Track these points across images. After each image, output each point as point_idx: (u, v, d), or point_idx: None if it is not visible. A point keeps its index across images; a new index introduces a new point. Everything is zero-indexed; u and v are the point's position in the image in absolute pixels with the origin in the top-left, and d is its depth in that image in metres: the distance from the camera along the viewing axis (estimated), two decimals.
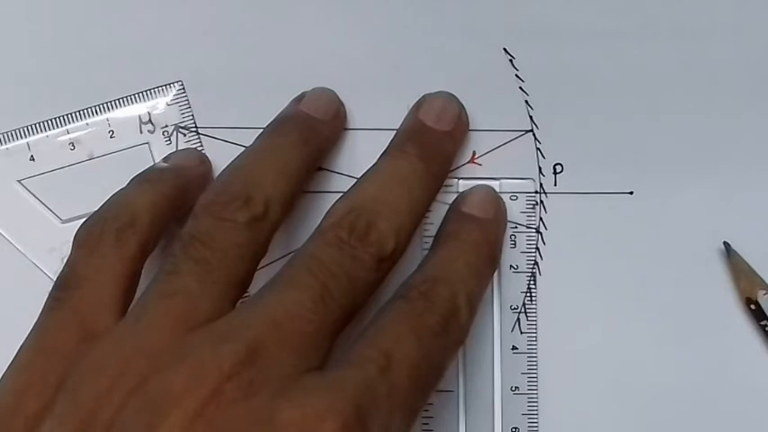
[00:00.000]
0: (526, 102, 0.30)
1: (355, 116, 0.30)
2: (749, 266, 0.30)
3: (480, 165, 0.30)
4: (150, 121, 0.30)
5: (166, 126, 0.30)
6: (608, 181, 0.30)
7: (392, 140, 0.28)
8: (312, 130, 0.28)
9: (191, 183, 0.28)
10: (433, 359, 0.24)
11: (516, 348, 0.30)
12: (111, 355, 0.22)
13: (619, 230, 0.30)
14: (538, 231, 0.30)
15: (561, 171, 0.30)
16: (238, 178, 0.25)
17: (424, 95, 0.29)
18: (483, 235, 0.28)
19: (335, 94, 0.30)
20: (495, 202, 0.29)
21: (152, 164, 0.29)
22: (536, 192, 0.30)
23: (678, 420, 0.29)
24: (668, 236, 0.30)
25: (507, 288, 0.30)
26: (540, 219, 0.30)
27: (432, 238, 0.28)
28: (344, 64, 0.30)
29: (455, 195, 0.29)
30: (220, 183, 0.26)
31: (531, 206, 0.30)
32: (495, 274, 0.29)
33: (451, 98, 0.29)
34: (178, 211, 0.27)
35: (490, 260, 0.28)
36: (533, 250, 0.30)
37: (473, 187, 0.29)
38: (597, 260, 0.30)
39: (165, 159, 0.29)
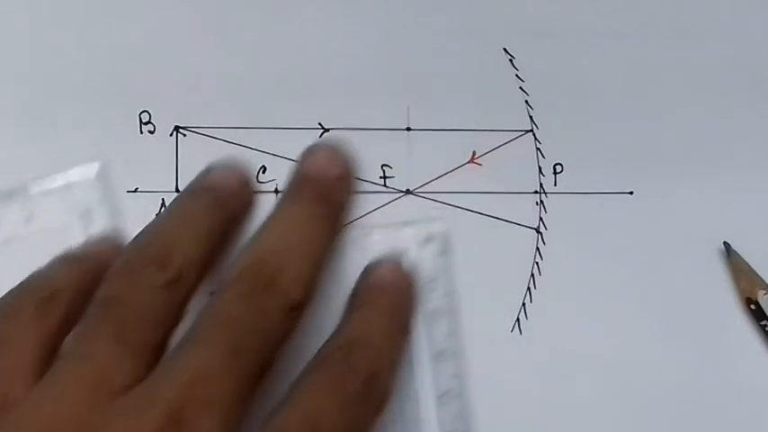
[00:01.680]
0: (526, 102, 0.30)
1: (355, 116, 0.30)
2: (749, 266, 0.30)
3: (480, 165, 0.30)
4: (71, 203, 0.29)
5: (86, 209, 0.29)
6: (608, 181, 0.30)
7: (285, 188, 0.28)
8: (226, 196, 0.28)
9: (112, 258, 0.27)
10: (357, 427, 0.23)
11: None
12: (30, 422, 0.21)
13: (619, 230, 0.30)
14: (538, 231, 0.30)
15: (561, 171, 0.30)
16: (153, 242, 0.25)
17: (311, 144, 0.29)
18: (395, 302, 0.27)
19: (244, 166, 0.29)
20: (406, 276, 0.28)
21: (74, 245, 0.28)
22: (536, 192, 0.30)
23: (678, 420, 0.29)
24: (668, 236, 0.30)
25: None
26: (540, 219, 0.30)
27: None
28: (344, 64, 0.30)
29: (367, 239, 0.29)
30: (135, 246, 0.25)
31: (440, 252, 0.29)
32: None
33: (338, 144, 0.29)
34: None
35: (404, 326, 0.27)
36: (533, 250, 0.30)
37: (384, 257, 0.29)
38: (597, 260, 0.30)
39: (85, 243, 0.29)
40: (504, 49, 0.30)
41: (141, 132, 0.30)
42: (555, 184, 0.30)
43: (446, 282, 0.29)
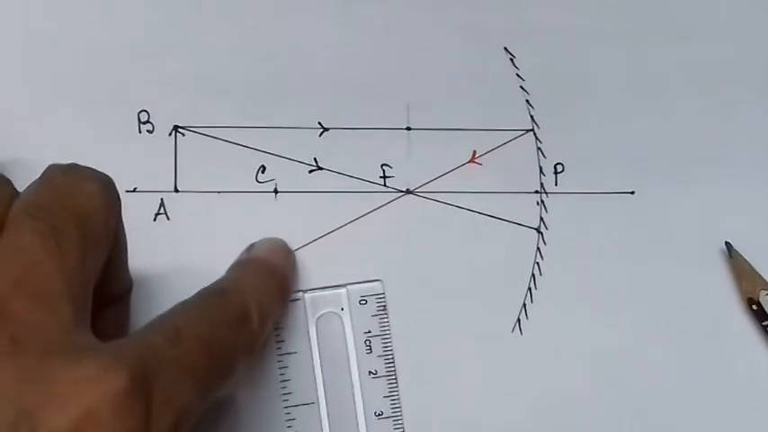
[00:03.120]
0: (527, 101, 0.30)
1: (355, 116, 0.30)
2: (751, 267, 0.30)
3: (480, 164, 0.30)
4: None
5: None
6: (609, 181, 0.30)
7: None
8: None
9: None
10: (223, 347, 0.23)
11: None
12: None
13: (619, 230, 0.30)
14: (538, 231, 0.30)
15: (562, 171, 0.30)
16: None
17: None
18: (272, 266, 0.28)
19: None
20: (285, 249, 0.29)
21: None
22: (536, 191, 0.30)
23: (678, 420, 0.29)
24: (669, 236, 0.30)
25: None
26: (541, 219, 0.30)
27: None
28: (344, 64, 0.30)
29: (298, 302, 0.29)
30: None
31: (381, 308, 0.29)
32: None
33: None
34: None
35: (281, 289, 0.28)
36: (534, 250, 0.30)
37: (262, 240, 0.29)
38: (597, 260, 0.30)
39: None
40: (505, 49, 0.30)
41: (140, 132, 0.30)
42: (556, 184, 0.30)
43: (382, 343, 0.29)
